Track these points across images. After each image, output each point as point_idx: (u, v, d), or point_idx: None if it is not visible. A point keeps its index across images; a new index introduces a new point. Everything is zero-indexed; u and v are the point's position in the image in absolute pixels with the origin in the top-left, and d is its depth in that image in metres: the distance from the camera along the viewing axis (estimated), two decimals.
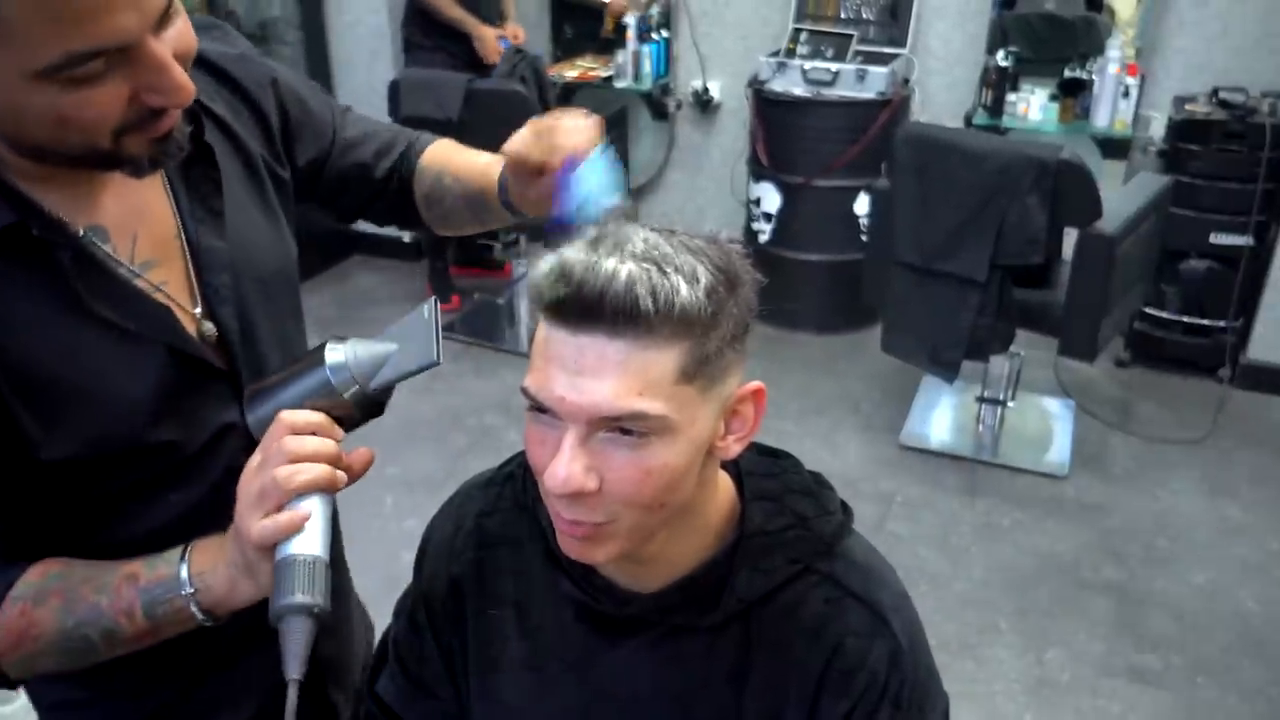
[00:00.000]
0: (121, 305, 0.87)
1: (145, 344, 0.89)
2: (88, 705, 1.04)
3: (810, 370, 3.78)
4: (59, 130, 0.76)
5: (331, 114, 1.14)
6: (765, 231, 3.95)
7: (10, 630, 0.86)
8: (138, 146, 0.81)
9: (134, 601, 0.85)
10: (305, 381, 0.86)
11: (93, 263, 0.86)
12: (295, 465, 0.80)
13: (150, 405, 0.89)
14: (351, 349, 0.87)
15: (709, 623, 0.88)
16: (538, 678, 0.94)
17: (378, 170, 1.16)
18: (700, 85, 4.28)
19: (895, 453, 3.28)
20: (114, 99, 0.76)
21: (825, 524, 0.91)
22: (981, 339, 2.94)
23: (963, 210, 2.81)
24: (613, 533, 0.79)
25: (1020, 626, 2.58)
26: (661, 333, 0.72)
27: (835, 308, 3.96)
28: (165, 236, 0.94)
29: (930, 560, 2.81)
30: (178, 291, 0.93)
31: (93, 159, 0.80)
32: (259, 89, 1.04)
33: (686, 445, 0.77)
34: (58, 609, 0.86)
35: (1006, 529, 2.94)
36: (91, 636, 0.86)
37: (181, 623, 0.86)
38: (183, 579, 0.84)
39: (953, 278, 2.89)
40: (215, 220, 0.96)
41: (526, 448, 0.81)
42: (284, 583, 0.80)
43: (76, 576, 0.87)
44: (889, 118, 3.67)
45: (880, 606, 0.88)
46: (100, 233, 0.88)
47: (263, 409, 0.86)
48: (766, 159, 3.86)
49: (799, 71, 3.73)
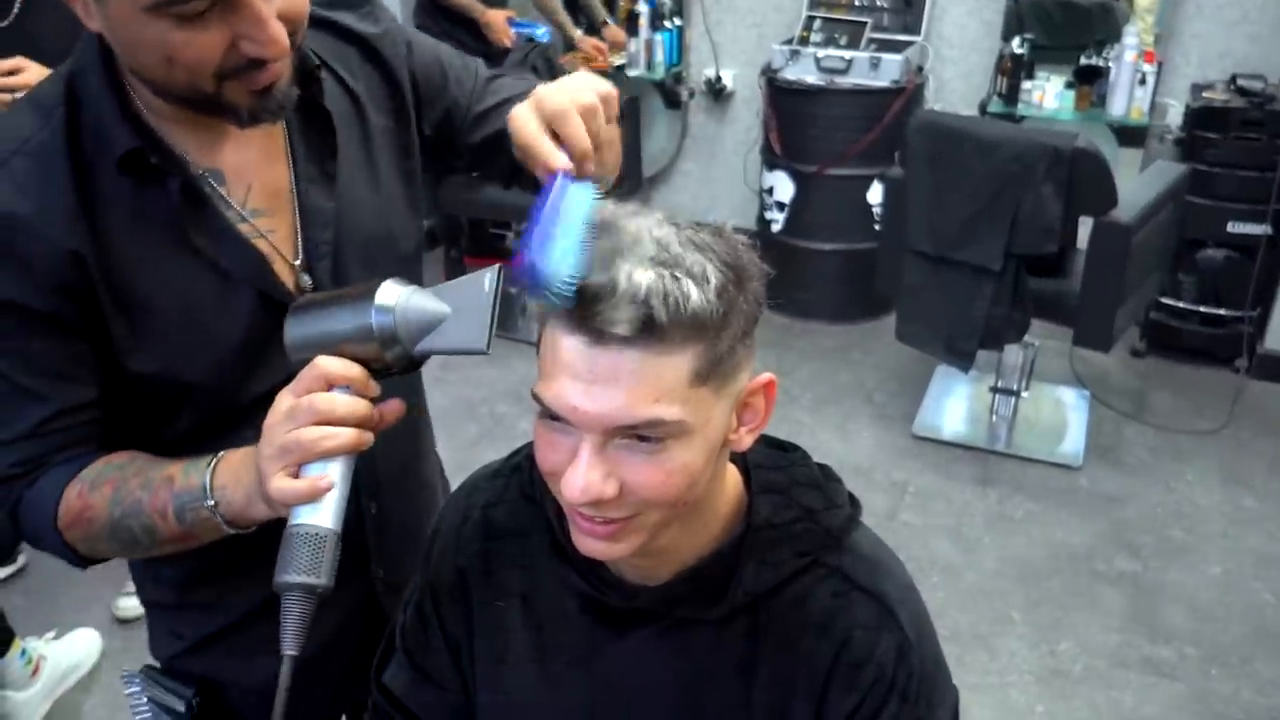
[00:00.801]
0: (221, 243, 0.94)
1: (239, 285, 0.96)
2: (175, 609, 1.16)
3: (824, 360, 3.76)
4: (168, 67, 0.83)
5: (472, 84, 1.15)
6: (778, 220, 3.93)
7: (70, 509, 0.93)
8: (237, 95, 0.86)
9: (168, 504, 0.90)
10: (348, 316, 0.83)
11: (201, 199, 0.93)
12: (323, 429, 0.80)
13: (235, 343, 0.96)
14: (407, 297, 0.83)
15: (716, 615, 0.88)
16: (543, 670, 0.94)
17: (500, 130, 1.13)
18: (713, 74, 4.26)
19: (908, 442, 3.27)
20: (214, 42, 0.82)
21: (833, 517, 0.91)
22: (996, 328, 2.92)
23: (977, 199, 2.79)
24: (637, 526, 0.79)
25: (1033, 618, 2.57)
26: (675, 339, 0.72)
27: (849, 297, 3.94)
28: (278, 189, 1.00)
29: (943, 551, 2.80)
30: (282, 242, 1.00)
31: (198, 101, 0.86)
32: (398, 62, 1.09)
33: (703, 444, 0.77)
34: (108, 497, 0.92)
35: (1020, 520, 2.93)
36: (134, 530, 0.92)
37: (211, 530, 0.90)
38: (206, 489, 0.88)
39: (967, 267, 2.87)
40: (327, 181, 1.02)
41: (536, 451, 0.81)
42: (290, 557, 0.79)
43: (131, 469, 0.93)
44: (903, 106, 3.64)
45: (887, 599, 0.88)
46: (217, 175, 0.96)
47: (301, 328, 0.84)
48: (779, 147, 3.84)
49: (812, 59, 3.71)
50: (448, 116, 1.14)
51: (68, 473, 0.94)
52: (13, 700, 2.26)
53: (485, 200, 3.86)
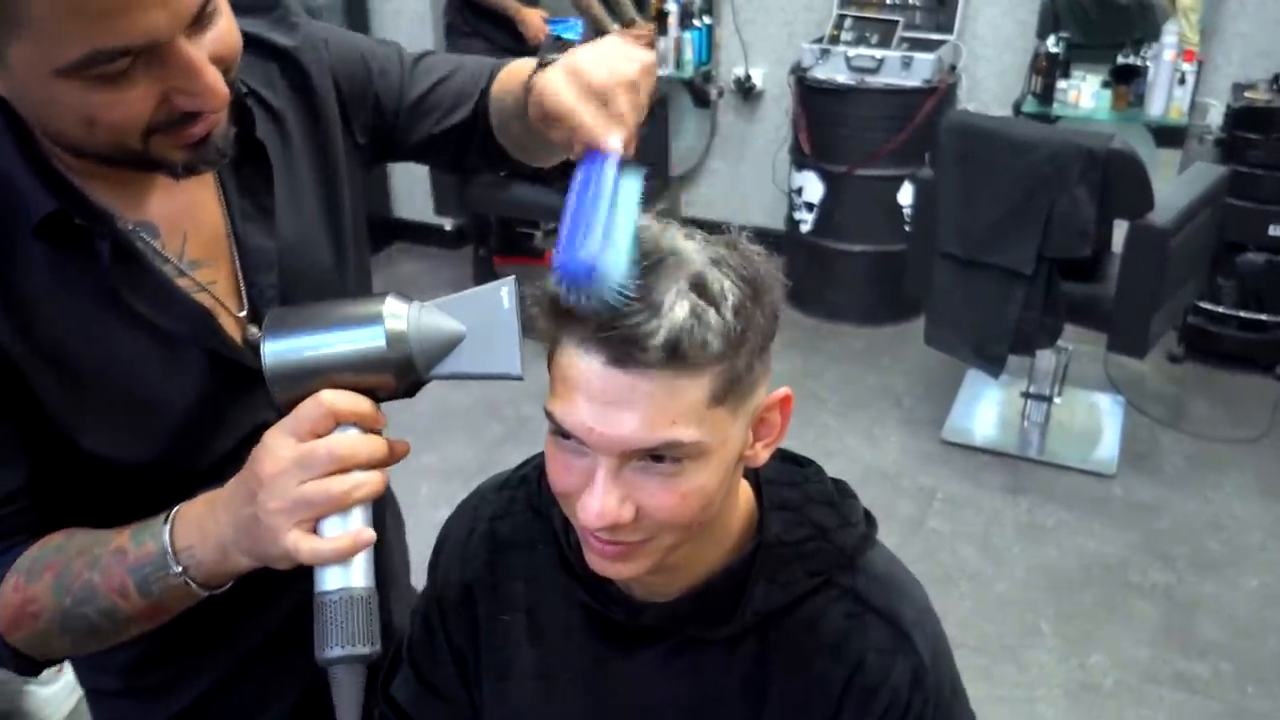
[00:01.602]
0: (161, 305, 0.85)
1: (186, 347, 0.87)
2: (123, 695, 1.03)
3: (852, 363, 3.72)
4: (87, 129, 0.74)
5: (398, 71, 1.05)
6: (807, 221, 3.89)
7: (7, 605, 0.82)
8: (169, 150, 0.78)
9: (125, 580, 0.80)
10: (351, 339, 0.74)
11: (133, 257, 0.84)
12: (352, 477, 0.73)
13: (189, 409, 0.87)
14: (416, 319, 0.74)
15: (724, 634, 0.86)
16: (548, 686, 0.92)
17: (452, 120, 1.05)
18: (743, 72, 4.22)
19: (937, 448, 3.22)
20: (143, 100, 0.73)
21: (846, 535, 0.88)
22: (1027, 333, 2.87)
23: (1008, 201, 2.74)
24: (650, 549, 0.77)
25: (1063, 630, 2.51)
26: (696, 362, 0.70)
27: (878, 299, 3.89)
28: (215, 235, 0.91)
29: (971, 559, 2.75)
30: (226, 292, 0.91)
31: (124, 160, 0.78)
32: (320, 69, 0.99)
33: (719, 464, 0.75)
34: (51, 584, 0.81)
35: (1050, 529, 2.87)
36: (90, 616, 0.82)
37: (182, 597, 0.81)
38: (167, 554, 0.78)
39: (998, 270, 2.82)
40: (265, 218, 0.93)
41: (549, 470, 0.79)
42: (335, 628, 0.73)
43: (72, 548, 0.83)
44: (934, 106, 3.59)
45: (902, 621, 0.85)
46: (149, 229, 0.87)
47: (287, 355, 0.74)
48: (809, 147, 3.80)
49: (843, 59, 3.66)
50: (378, 111, 1.04)
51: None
52: (38, 695, 2.27)
53: (513, 199, 3.85)
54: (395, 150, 1.08)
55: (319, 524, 0.73)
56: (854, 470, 3.07)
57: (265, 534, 0.73)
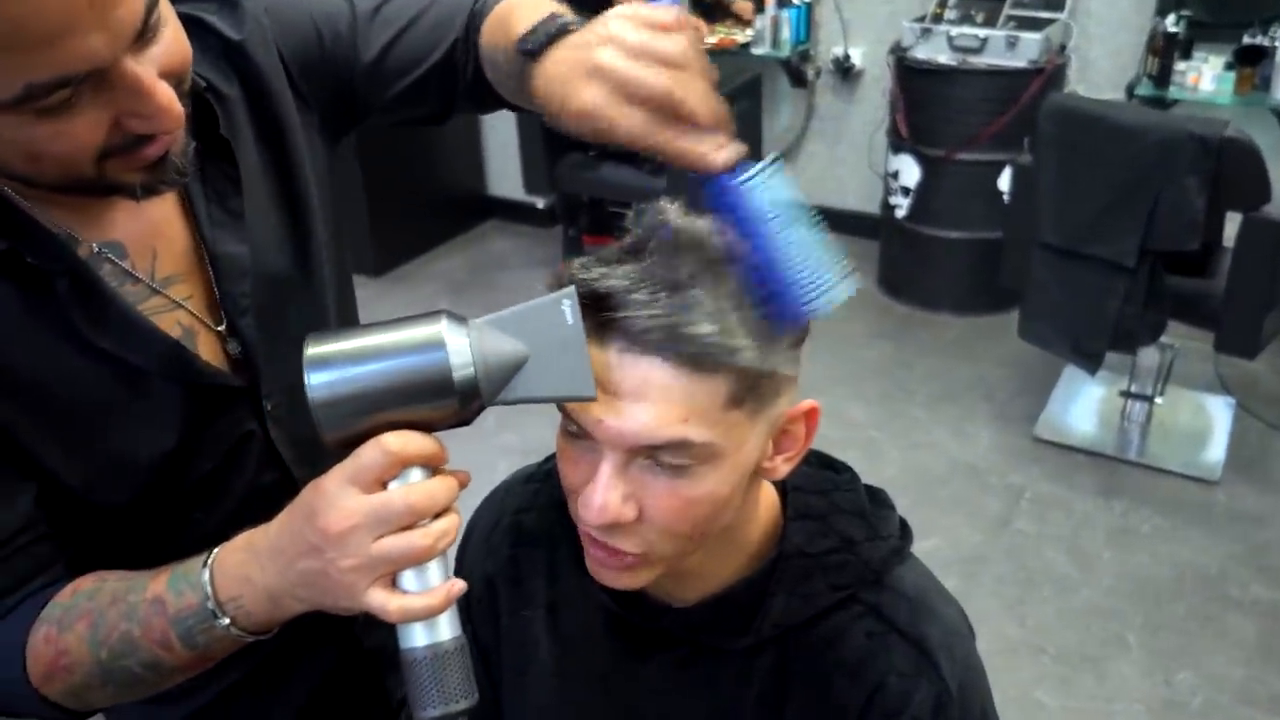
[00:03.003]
0: (125, 339, 0.80)
1: (156, 378, 0.83)
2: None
3: (944, 353, 3.60)
4: (34, 164, 0.69)
5: (349, 31, 0.95)
6: (902, 206, 3.78)
7: (39, 658, 0.78)
8: (125, 174, 0.73)
9: (167, 632, 0.75)
10: (408, 368, 0.66)
11: (95, 290, 0.78)
12: (436, 527, 0.67)
13: (171, 440, 0.84)
14: (479, 343, 0.66)
15: (741, 646, 0.83)
16: (563, 686, 0.91)
17: (419, 70, 0.96)
18: (842, 52, 4.11)
19: (1029, 445, 3.10)
20: (90, 129, 0.67)
21: (874, 549, 0.84)
22: (1128, 329, 2.72)
23: (1112, 190, 2.60)
24: (650, 561, 0.75)
25: (1150, 643, 2.39)
26: (710, 359, 0.67)
27: (975, 288, 3.76)
28: (184, 248, 0.86)
29: (1057, 563, 2.64)
30: (201, 307, 0.87)
31: (79, 188, 0.73)
32: (267, 56, 0.91)
33: (731, 472, 0.72)
34: (85, 636, 0.77)
35: (1145, 535, 2.73)
36: (133, 669, 0.77)
37: (229, 645, 0.76)
38: (211, 609, 0.74)
39: (1099, 262, 2.68)
40: (235, 222, 0.87)
41: (558, 465, 0.77)
42: (427, 688, 0.68)
43: (104, 597, 0.79)
44: (1040, 88, 3.43)
45: (928, 644, 0.80)
46: (116, 249, 0.82)
47: (335, 386, 0.66)
48: (906, 130, 3.68)
49: (944, 38, 3.52)
50: (336, 78, 0.95)
51: (22, 619, 0.79)
52: None
53: (603, 179, 3.84)
54: (363, 115, 1.00)
55: (397, 576, 0.68)
56: (940, 465, 2.99)
57: (339, 590, 0.68)
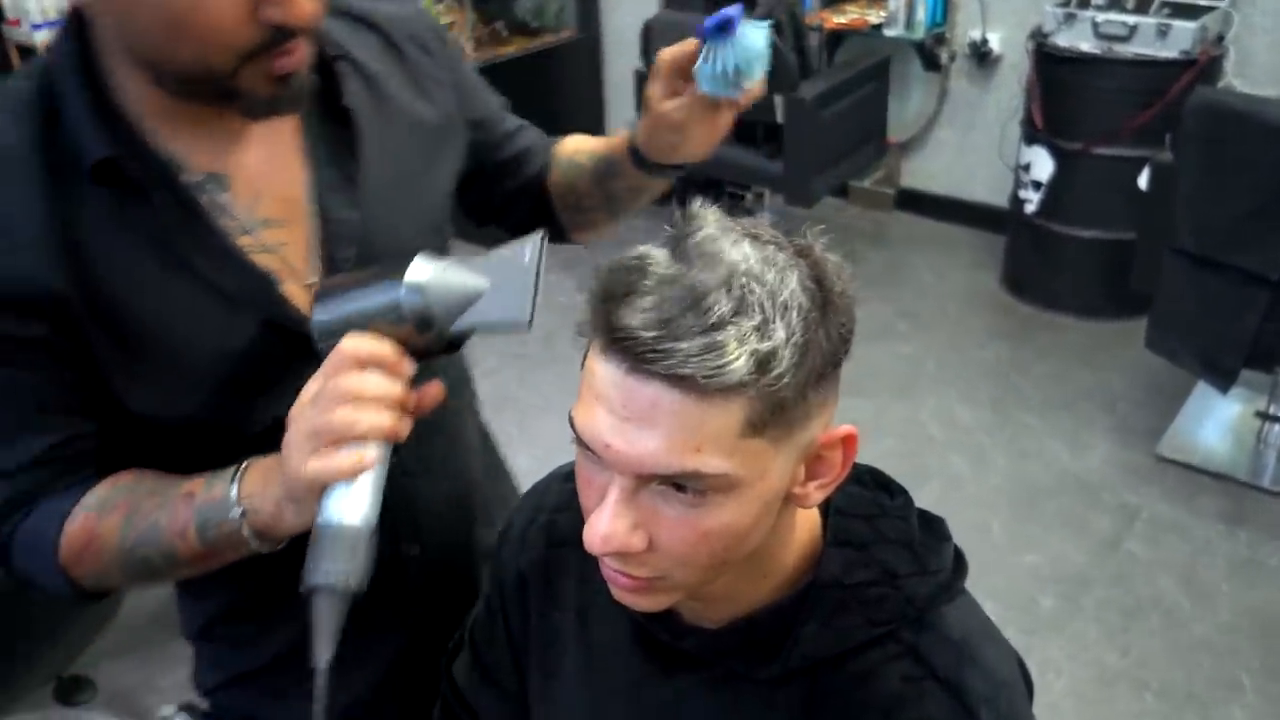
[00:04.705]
0: (219, 264, 0.84)
1: (243, 309, 0.86)
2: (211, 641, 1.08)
3: (1065, 358, 3.41)
4: (172, 37, 0.73)
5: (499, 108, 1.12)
6: (1032, 201, 3.58)
7: (74, 539, 0.84)
8: (255, 81, 0.77)
9: (188, 522, 0.81)
10: (376, 295, 0.77)
11: (194, 211, 0.83)
12: (354, 411, 0.73)
13: (241, 373, 0.87)
14: (441, 272, 0.77)
15: (767, 675, 0.77)
16: (589, 694, 0.88)
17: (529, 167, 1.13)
18: (979, 35, 3.92)
19: (1150, 463, 2.91)
20: (229, 6, 0.72)
21: (920, 584, 0.77)
22: (1269, 346, 2.53)
23: (1260, 195, 2.40)
24: (666, 586, 0.71)
25: (1267, 687, 2.22)
26: (722, 382, 0.62)
27: (1104, 291, 3.54)
28: (293, 197, 0.89)
29: (1168, 592, 2.48)
30: (296, 256, 0.89)
31: (207, 87, 0.77)
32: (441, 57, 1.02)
33: (753, 502, 0.67)
34: (120, 521, 0.83)
35: (1272, 569, 2.53)
36: (152, 558, 0.83)
37: (235, 546, 0.81)
38: (231, 499, 0.80)
39: (1238, 272, 2.49)
40: (349, 187, 0.91)
41: (577, 483, 0.73)
42: (318, 554, 0.74)
43: (144, 488, 0.85)
44: (1191, 81, 3.19)
45: (968, 696, 0.73)
46: (221, 180, 0.85)
47: (328, 312, 0.78)
48: (1041, 121, 3.48)
49: (1089, 24, 3.32)
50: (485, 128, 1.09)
51: (65, 503, 0.85)
52: None
53: (721, 160, 3.76)
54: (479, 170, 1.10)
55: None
56: (1049, 477, 2.83)
57: (290, 469, 0.75)
